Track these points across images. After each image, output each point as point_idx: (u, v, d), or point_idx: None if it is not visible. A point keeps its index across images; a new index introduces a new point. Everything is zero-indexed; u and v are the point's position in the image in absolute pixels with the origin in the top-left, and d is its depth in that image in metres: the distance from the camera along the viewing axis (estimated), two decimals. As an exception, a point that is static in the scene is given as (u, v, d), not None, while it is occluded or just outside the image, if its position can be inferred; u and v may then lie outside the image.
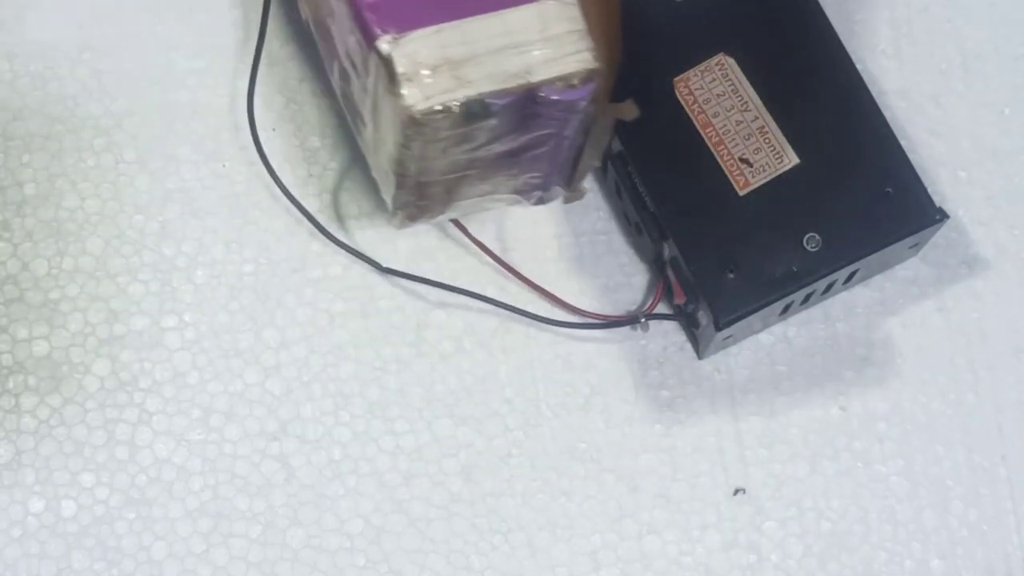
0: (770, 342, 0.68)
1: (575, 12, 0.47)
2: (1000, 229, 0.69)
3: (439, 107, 0.46)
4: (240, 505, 0.65)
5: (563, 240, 0.68)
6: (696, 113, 0.65)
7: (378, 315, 0.67)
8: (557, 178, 0.52)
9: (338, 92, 0.52)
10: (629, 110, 0.50)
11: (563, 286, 0.68)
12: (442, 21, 0.47)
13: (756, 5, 0.66)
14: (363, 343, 0.67)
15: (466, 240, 0.66)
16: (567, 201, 0.53)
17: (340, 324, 0.67)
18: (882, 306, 0.68)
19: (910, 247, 0.66)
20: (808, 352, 0.68)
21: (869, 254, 0.64)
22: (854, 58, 0.66)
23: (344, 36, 0.49)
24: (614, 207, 0.69)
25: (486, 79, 0.47)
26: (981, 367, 0.68)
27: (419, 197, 0.51)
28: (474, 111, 0.47)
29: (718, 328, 0.63)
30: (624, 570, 0.65)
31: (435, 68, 0.46)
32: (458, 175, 0.50)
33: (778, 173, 0.64)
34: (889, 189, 0.64)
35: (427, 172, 0.50)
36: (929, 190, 0.64)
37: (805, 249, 0.63)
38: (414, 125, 0.47)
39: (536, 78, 0.47)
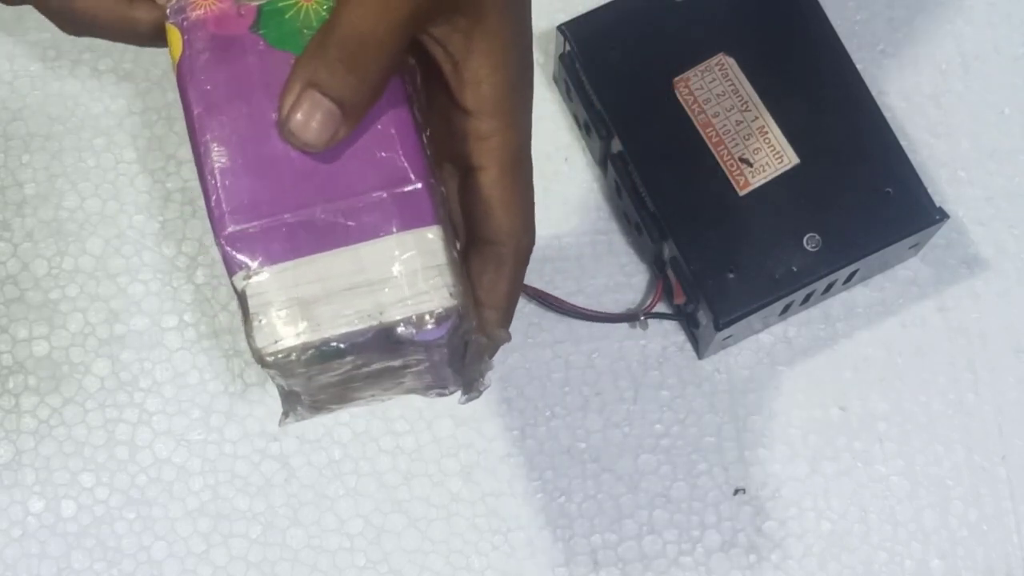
0: (770, 342, 0.68)
1: (435, 245, 0.44)
2: (1000, 229, 0.69)
3: (284, 352, 0.44)
4: (240, 505, 0.65)
5: (563, 240, 0.68)
6: (696, 113, 0.65)
7: (378, 315, 0.67)
8: (450, 384, 0.50)
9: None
10: (502, 336, 0.49)
11: (563, 286, 0.68)
12: (300, 256, 0.44)
13: (756, 5, 0.66)
14: (363, 343, 0.67)
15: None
16: (464, 402, 0.52)
17: (340, 324, 0.67)
18: (882, 306, 0.68)
19: (910, 247, 0.66)
20: (808, 352, 0.68)
21: (869, 254, 0.64)
22: (854, 58, 0.66)
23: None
24: (614, 207, 0.69)
25: (335, 321, 0.44)
26: (981, 367, 0.68)
27: (312, 403, 0.49)
28: (325, 352, 0.44)
29: (718, 328, 0.63)
30: (624, 570, 0.65)
31: (287, 308, 0.44)
32: (340, 389, 0.48)
33: (778, 173, 0.64)
34: (889, 189, 0.64)
35: (304, 392, 0.48)
36: (929, 190, 0.64)
37: (805, 249, 0.63)
38: (266, 365, 0.45)
39: (388, 319, 0.44)
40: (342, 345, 0.45)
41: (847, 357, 0.68)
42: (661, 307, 0.67)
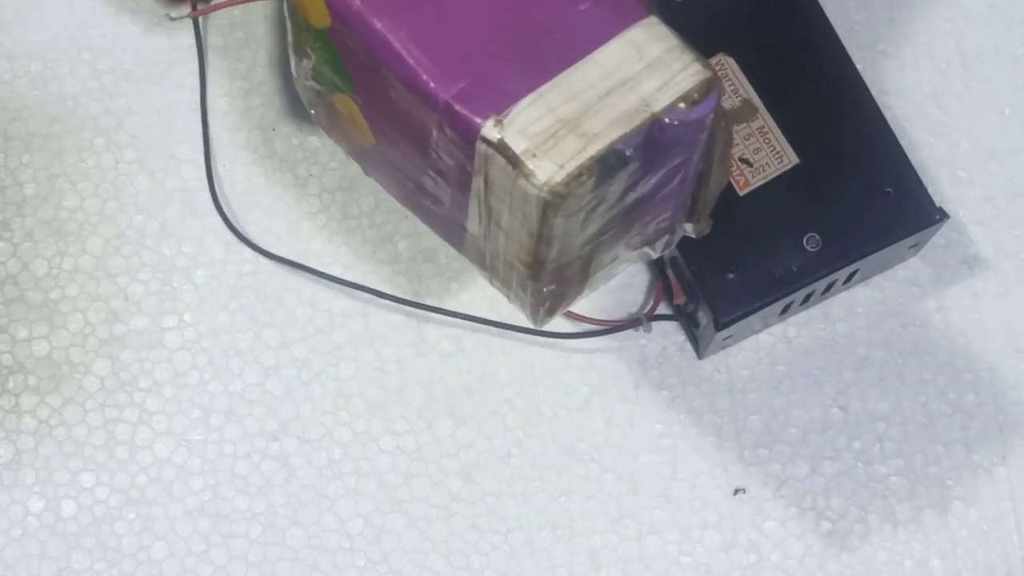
0: (770, 342, 0.68)
1: (663, 30, 0.45)
2: (1000, 229, 0.69)
3: (575, 171, 0.43)
4: (240, 505, 0.65)
5: (563, 240, 0.68)
6: (696, 113, 0.65)
7: (378, 315, 0.67)
8: (682, 214, 0.49)
9: (417, 211, 0.49)
10: (749, 112, 0.48)
11: (563, 286, 0.68)
12: (537, 85, 0.43)
13: (756, 5, 0.66)
14: (363, 343, 0.67)
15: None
16: (699, 234, 0.50)
17: (340, 324, 0.67)
18: (882, 306, 0.68)
19: (910, 247, 0.66)
20: (808, 352, 0.68)
21: (869, 254, 0.64)
22: (854, 58, 0.66)
23: (419, 151, 0.45)
24: (614, 207, 0.69)
25: (610, 126, 0.43)
26: (981, 367, 0.68)
27: (558, 284, 0.47)
28: (611, 163, 0.43)
29: (718, 328, 0.63)
30: (624, 570, 0.65)
31: (554, 133, 0.43)
32: (593, 245, 0.46)
33: (778, 173, 0.64)
34: (889, 189, 0.64)
35: (565, 252, 0.46)
36: (929, 190, 0.64)
37: (805, 249, 0.63)
38: (557, 200, 0.43)
39: (658, 106, 0.44)
40: (623, 149, 0.43)
41: (847, 357, 0.68)
42: (661, 307, 0.67)
